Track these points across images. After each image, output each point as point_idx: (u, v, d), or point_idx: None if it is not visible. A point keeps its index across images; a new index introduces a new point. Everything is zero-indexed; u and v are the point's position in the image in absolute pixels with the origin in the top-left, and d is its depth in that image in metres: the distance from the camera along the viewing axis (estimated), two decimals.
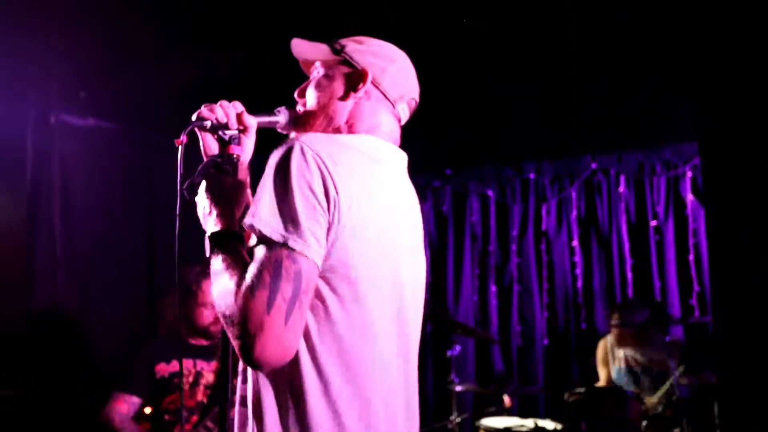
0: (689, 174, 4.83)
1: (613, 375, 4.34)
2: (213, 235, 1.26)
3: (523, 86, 3.99)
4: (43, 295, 3.69)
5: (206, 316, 2.97)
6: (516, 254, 5.32)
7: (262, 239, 1.13)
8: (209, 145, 1.39)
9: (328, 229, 1.15)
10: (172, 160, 4.99)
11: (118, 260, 4.05)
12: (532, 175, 5.31)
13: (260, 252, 1.13)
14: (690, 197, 4.82)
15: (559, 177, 5.26)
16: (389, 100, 1.40)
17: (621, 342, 4.23)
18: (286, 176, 1.14)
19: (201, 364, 2.97)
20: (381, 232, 1.22)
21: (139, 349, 3.03)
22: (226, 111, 1.37)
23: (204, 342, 3.01)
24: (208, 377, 2.94)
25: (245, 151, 1.39)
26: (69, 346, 3.75)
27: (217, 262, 1.21)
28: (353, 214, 1.16)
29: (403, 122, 1.45)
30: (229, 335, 1.13)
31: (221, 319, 1.16)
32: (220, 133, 1.37)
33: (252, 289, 1.10)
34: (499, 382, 5.07)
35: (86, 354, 3.80)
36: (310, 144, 1.16)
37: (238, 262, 1.18)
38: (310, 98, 1.41)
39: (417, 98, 1.46)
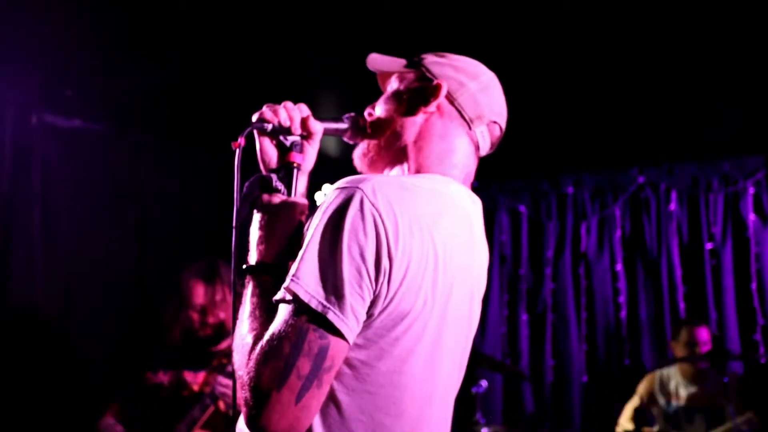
0: (751, 190, 4.78)
1: (659, 413, 4.27)
2: (248, 269, 1.25)
3: (559, 87, 3.95)
4: (20, 308, 3.72)
5: (195, 320, 3.07)
6: (551, 279, 5.28)
7: (295, 304, 1.12)
8: (267, 150, 1.37)
9: (374, 301, 1.14)
10: (163, 164, 4.98)
11: (103, 273, 4.10)
12: (570, 189, 5.27)
13: (287, 314, 1.12)
14: (752, 217, 4.77)
15: (601, 192, 5.22)
16: (465, 119, 1.39)
17: (685, 370, 4.18)
18: (337, 235, 1.12)
19: (185, 375, 3.04)
20: (436, 295, 1.20)
21: (133, 355, 3.24)
22: (291, 114, 1.35)
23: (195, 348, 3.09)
24: (191, 389, 2.98)
25: (307, 159, 1.38)
26: (48, 361, 3.79)
27: (245, 302, 1.22)
28: (406, 280, 1.15)
29: (483, 151, 1.44)
30: (238, 394, 1.14)
31: (235, 374, 1.16)
32: (281, 138, 1.35)
33: (267, 356, 1.09)
34: (530, 423, 4.98)
35: (67, 371, 3.85)
36: (371, 195, 1.14)
37: (265, 310, 1.17)
38: (380, 111, 1.42)
39: (502, 124, 1.46)
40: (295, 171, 1.34)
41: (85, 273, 4.01)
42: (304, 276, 1.11)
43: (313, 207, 1.26)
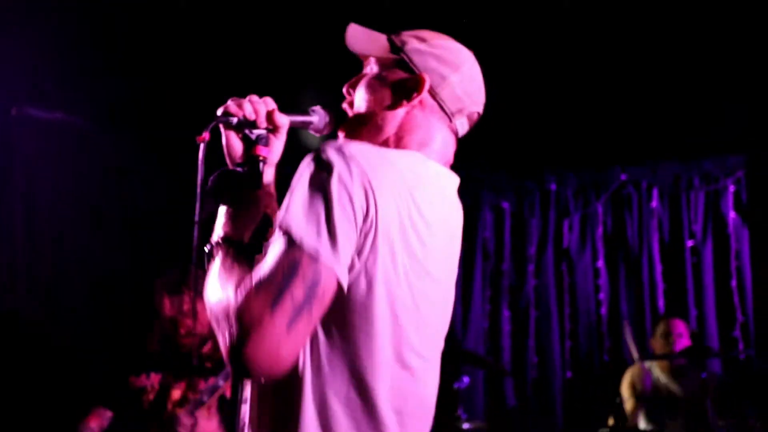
0: (731, 188, 4.83)
1: (641, 409, 4.30)
2: (217, 242, 1.27)
3: (544, 85, 3.97)
4: (1, 309, 3.68)
5: (169, 331, 3.13)
6: (533, 275, 5.30)
7: (287, 240, 1.13)
8: (233, 144, 1.38)
9: (360, 250, 1.17)
10: (151, 159, 4.93)
11: (88, 271, 4.05)
12: (553, 186, 5.30)
13: (278, 250, 1.13)
14: (732, 215, 4.81)
15: (583, 189, 5.25)
16: (446, 113, 1.41)
17: (664, 366, 4.22)
18: (326, 181, 1.15)
19: (169, 379, 3.09)
20: (414, 261, 1.24)
21: (118, 360, 3.22)
22: (256, 107, 1.36)
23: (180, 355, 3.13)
24: (175, 394, 3.00)
25: (273, 152, 1.39)
26: (29, 363, 3.77)
27: (214, 272, 1.22)
28: (388, 238, 1.18)
29: (460, 135, 1.46)
30: (219, 337, 1.13)
31: (215, 328, 1.15)
32: (247, 131, 1.36)
33: (258, 285, 1.10)
34: (512, 419, 5.00)
35: (49, 373, 3.82)
36: (357, 153, 1.18)
37: (244, 269, 1.19)
38: (359, 100, 1.42)
39: (480, 110, 1.47)
40: (261, 164, 1.35)
41: (69, 270, 3.97)
42: (296, 216, 1.14)
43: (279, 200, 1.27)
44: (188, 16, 3.21)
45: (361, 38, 1.44)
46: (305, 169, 1.18)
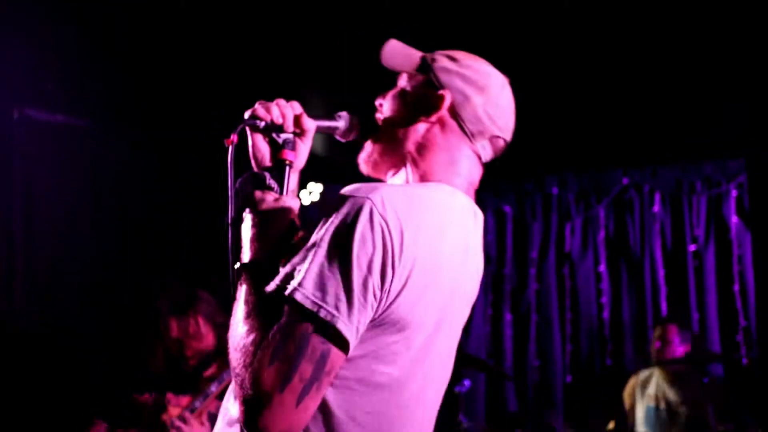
0: (734, 193, 4.84)
1: (640, 415, 4.29)
2: (242, 266, 1.27)
3: (545, 87, 3.96)
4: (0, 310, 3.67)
5: (174, 353, 3.11)
6: (535, 279, 5.30)
7: (301, 304, 1.14)
8: (259, 147, 1.37)
9: (375, 309, 1.17)
10: (147, 161, 4.91)
11: (85, 273, 4.03)
12: (555, 190, 5.30)
13: (292, 318, 1.14)
14: (734, 219, 4.82)
15: (585, 193, 5.25)
16: (465, 134, 1.38)
17: (665, 372, 4.21)
18: (347, 246, 1.14)
19: (169, 397, 3.06)
20: (435, 305, 1.25)
21: (122, 375, 3.25)
22: (284, 111, 1.36)
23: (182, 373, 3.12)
24: (173, 411, 3.00)
25: (299, 157, 1.38)
26: (28, 368, 3.74)
27: (239, 302, 1.23)
28: (405, 290, 1.18)
29: (484, 160, 1.43)
30: (235, 393, 1.17)
31: (232, 372, 1.17)
32: (274, 135, 1.36)
33: (271, 358, 1.12)
34: (513, 423, 4.99)
35: (48, 377, 3.80)
36: (380, 206, 1.16)
37: (262, 311, 1.19)
38: (385, 112, 1.43)
39: (507, 137, 1.44)
40: (287, 169, 1.34)
41: (67, 271, 3.96)
42: (311, 284, 1.13)
43: (302, 206, 1.26)
44: (188, 16, 3.21)
45: (394, 54, 1.43)
46: (329, 223, 1.16)
